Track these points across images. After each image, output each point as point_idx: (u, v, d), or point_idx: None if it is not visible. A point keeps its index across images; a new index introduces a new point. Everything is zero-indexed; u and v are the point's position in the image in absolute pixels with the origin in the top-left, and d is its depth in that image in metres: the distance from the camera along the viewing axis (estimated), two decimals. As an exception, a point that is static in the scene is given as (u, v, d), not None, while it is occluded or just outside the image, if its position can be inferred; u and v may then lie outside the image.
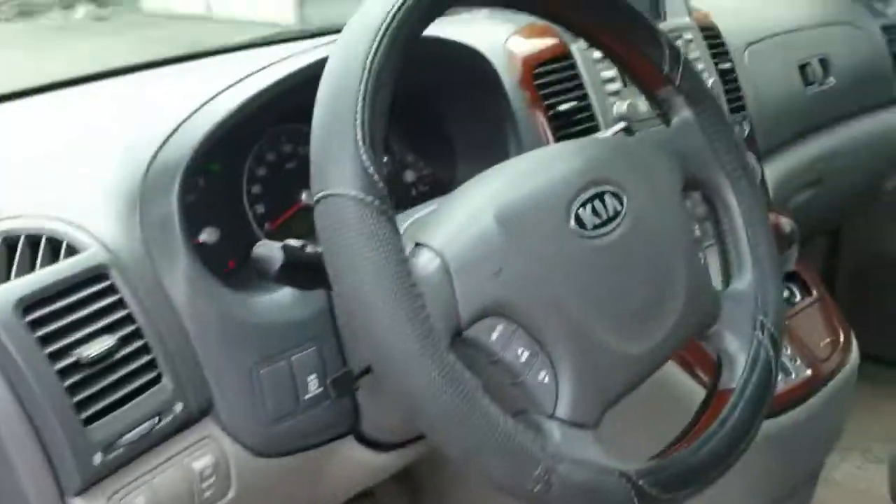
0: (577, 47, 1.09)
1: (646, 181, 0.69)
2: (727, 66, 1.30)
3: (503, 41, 1.06)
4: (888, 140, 1.74)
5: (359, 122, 0.53)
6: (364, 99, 0.54)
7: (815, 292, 1.24)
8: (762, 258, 0.75)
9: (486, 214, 0.60)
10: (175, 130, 0.74)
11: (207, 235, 0.84)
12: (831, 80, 1.56)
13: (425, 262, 0.57)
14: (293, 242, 0.61)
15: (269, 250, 0.60)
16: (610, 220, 0.64)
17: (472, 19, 1.17)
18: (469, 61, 0.96)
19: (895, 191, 1.86)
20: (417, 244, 0.59)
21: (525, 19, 1.12)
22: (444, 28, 1.14)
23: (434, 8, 0.59)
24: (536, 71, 1.05)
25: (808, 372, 1.12)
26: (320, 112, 0.54)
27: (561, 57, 1.08)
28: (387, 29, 0.56)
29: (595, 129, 1.08)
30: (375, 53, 0.55)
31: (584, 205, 0.63)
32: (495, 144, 1.01)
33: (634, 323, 0.64)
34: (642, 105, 1.11)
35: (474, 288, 0.57)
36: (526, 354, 0.58)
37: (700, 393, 0.75)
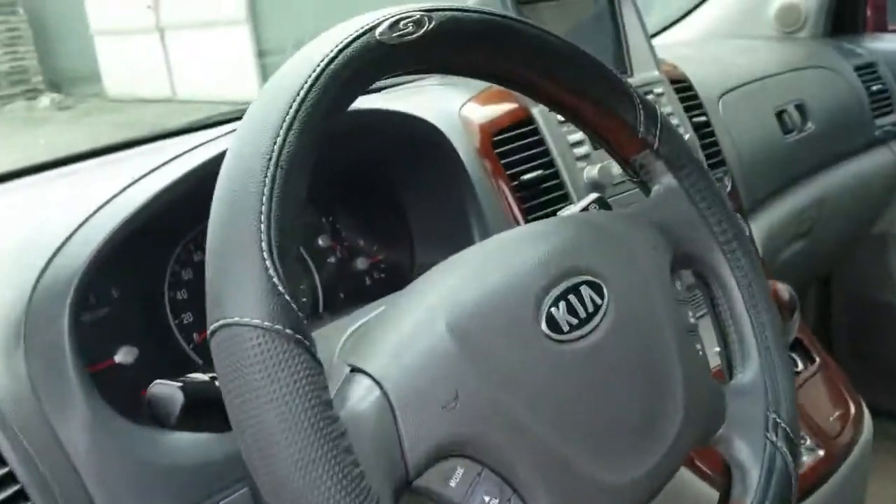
0: (539, 110, 1.00)
1: (628, 265, 0.58)
2: (702, 119, 1.21)
3: (457, 109, 0.96)
4: (871, 183, 1.66)
5: (263, 226, 0.42)
6: (270, 197, 0.42)
7: (817, 358, 1.13)
8: (769, 344, 0.64)
9: (437, 324, 0.49)
10: (70, 237, 0.63)
11: (123, 356, 0.72)
12: (810, 126, 1.48)
13: (361, 395, 0.45)
14: (197, 377, 0.49)
15: (167, 390, 0.48)
16: (589, 317, 0.53)
17: (423, 88, 1.07)
18: (420, 133, 0.87)
19: (882, 235, 1.78)
20: (353, 369, 0.47)
21: (480, 84, 1.03)
22: (392, 99, 1.04)
23: (360, 78, 0.49)
24: (496, 139, 0.95)
25: (821, 452, 1.01)
26: (215, 217, 0.43)
27: (522, 122, 0.98)
28: (299, 107, 0.45)
29: (565, 197, 0.98)
30: (284, 139, 0.44)
31: (557, 302, 0.52)
32: (455, 222, 0.91)
33: (627, 444, 0.53)
34: (615, 168, 1.01)
35: (425, 424, 0.45)
36: (495, 502, 0.46)
37: (712, 498, 0.64)
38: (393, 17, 0.49)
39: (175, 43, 8.97)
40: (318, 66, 0.46)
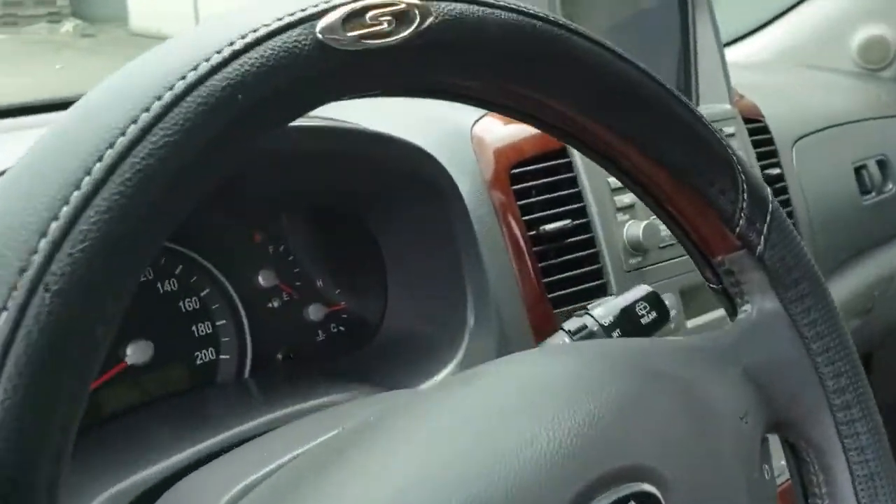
0: (577, 139, 0.76)
1: (704, 454, 0.35)
2: (776, 171, 0.97)
3: (469, 125, 0.73)
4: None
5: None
6: (4, 355, 0.20)
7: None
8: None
9: None
10: None
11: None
12: (891, 187, 1.24)
13: None
14: None
15: None
16: None
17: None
18: (411, 165, 0.63)
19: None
20: None
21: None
22: (382, 104, 0.80)
23: (269, 110, 0.26)
24: (515, 171, 0.72)
25: None
26: None
27: (552, 153, 0.75)
28: (115, 165, 0.22)
29: (594, 258, 0.75)
30: (70, 226, 0.21)
31: None
32: (443, 269, 0.67)
33: None
34: (664, 227, 0.78)
35: None
36: None
37: None
38: (351, 1, 0.26)
39: (205, -17, 8.80)
40: (182, 82, 0.24)
